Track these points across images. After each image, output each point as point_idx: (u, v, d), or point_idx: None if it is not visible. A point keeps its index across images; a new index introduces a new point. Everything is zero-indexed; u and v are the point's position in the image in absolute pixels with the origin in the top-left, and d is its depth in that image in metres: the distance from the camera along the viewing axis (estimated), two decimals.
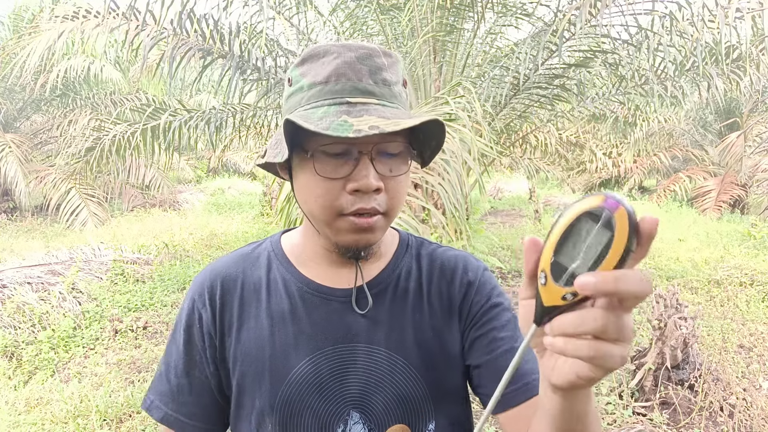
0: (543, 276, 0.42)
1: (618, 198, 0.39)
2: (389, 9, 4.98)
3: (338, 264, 0.77)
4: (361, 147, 0.67)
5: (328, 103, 0.68)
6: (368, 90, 0.69)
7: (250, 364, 0.75)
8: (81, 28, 5.16)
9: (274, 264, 0.80)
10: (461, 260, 0.82)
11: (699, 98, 7.29)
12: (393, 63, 0.72)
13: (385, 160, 0.69)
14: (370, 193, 0.67)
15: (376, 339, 0.75)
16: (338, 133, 0.62)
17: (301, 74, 0.71)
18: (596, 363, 0.41)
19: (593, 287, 0.38)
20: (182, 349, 0.78)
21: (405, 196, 0.73)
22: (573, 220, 0.40)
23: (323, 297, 0.76)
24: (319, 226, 0.72)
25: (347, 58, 0.69)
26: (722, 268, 5.97)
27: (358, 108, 0.67)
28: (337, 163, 0.67)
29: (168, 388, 0.79)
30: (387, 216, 0.70)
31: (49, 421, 2.96)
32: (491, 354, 0.75)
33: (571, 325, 0.41)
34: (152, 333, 4.39)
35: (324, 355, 0.74)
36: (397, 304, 0.77)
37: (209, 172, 17.85)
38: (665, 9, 4.55)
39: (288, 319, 0.75)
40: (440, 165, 3.04)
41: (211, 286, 0.78)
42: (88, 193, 9.51)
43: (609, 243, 0.38)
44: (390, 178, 0.69)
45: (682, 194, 11.90)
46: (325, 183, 0.67)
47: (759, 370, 3.60)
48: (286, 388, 0.73)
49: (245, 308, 0.77)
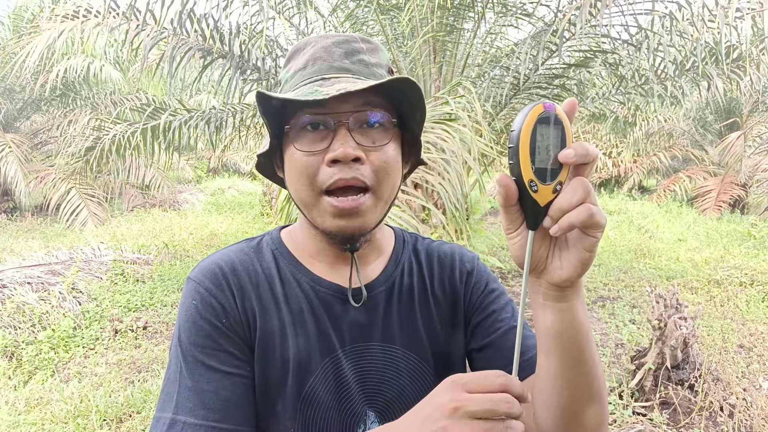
0: (533, 184, 0.51)
1: (546, 101, 0.50)
2: (389, 9, 4.98)
3: (339, 260, 0.76)
4: (338, 117, 0.66)
5: (304, 83, 0.69)
6: (343, 67, 0.70)
7: (274, 364, 0.71)
8: (81, 27, 5.15)
9: (280, 261, 0.76)
10: (456, 252, 0.84)
11: (699, 98, 7.29)
12: (372, 49, 0.73)
13: (365, 131, 0.67)
14: (350, 163, 0.65)
15: (390, 337, 0.75)
16: (306, 97, 0.63)
17: (287, 71, 0.74)
18: (593, 222, 0.51)
19: (575, 155, 0.50)
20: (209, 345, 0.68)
21: (395, 172, 0.70)
22: (531, 132, 0.50)
23: (337, 296, 0.75)
24: (307, 210, 0.71)
25: (324, 44, 0.71)
26: (722, 268, 5.97)
27: (331, 81, 0.68)
28: (317, 137, 0.67)
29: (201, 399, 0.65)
30: (375, 193, 0.68)
31: (49, 421, 2.96)
32: (495, 334, 0.77)
33: (570, 197, 0.51)
34: (152, 333, 4.39)
35: (344, 355, 0.73)
36: (405, 301, 0.78)
37: (209, 172, 17.85)
38: (665, 9, 4.55)
39: (309, 318, 0.73)
40: (440, 165, 3.04)
41: (224, 273, 0.72)
42: (88, 193, 9.51)
43: (563, 133, 0.51)
44: (373, 150, 0.67)
45: (682, 194, 11.90)
46: (306, 158, 0.67)
47: (759, 370, 3.60)
48: (309, 388, 0.71)
49: (263, 302, 0.73)
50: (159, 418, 0.66)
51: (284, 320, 0.72)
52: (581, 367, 0.61)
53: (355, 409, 0.73)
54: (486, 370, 0.74)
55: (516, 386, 0.51)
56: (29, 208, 10.47)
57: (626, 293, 5.43)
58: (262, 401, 0.71)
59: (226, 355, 0.68)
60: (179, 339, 0.69)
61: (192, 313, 0.69)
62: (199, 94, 12.74)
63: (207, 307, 0.69)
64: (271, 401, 0.71)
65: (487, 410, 0.49)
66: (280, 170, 0.76)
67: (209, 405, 0.65)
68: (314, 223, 0.71)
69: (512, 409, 0.49)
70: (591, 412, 0.64)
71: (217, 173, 18.06)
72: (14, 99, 10.72)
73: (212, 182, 15.57)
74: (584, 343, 0.60)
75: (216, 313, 0.69)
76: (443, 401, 0.50)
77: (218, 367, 0.67)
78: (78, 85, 10.51)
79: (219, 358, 0.68)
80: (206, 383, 0.66)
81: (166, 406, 0.66)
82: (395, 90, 0.68)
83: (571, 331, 0.59)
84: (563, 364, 0.61)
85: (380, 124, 0.68)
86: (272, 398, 0.71)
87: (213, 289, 0.70)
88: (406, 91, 0.68)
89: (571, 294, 0.58)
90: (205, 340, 0.68)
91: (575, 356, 0.60)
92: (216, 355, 0.68)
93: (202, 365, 0.67)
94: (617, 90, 5.72)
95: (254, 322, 0.71)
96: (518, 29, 5.49)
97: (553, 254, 0.57)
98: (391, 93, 0.69)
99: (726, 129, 11.91)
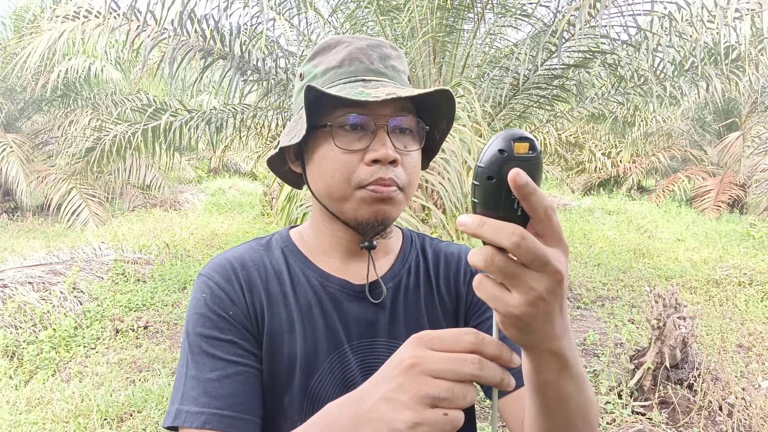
0: None
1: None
2: (389, 10, 4.99)
3: (351, 256, 0.78)
4: (378, 120, 0.69)
5: (343, 81, 0.71)
6: (380, 71, 0.73)
7: (281, 358, 0.72)
8: (82, 28, 5.17)
9: (290, 258, 0.78)
10: (463, 253, 0.85)
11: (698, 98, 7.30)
12: (399, 56, 0.77)
13: (399, 136, 0.71)
14: (387, 165, 0.68)
15: (396, 333, 0.76)
16: (358, 97, 0.65)
17: (313, 66, 0.75)
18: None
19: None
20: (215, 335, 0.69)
21: (419, 176, 0.74)
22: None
23: (345, 291, 0.76)
24: (336, 203, 0.72)
25: (359, 45, 0.73)
26: (721, 268, 5.98)
27: (373, 83, 0.70)
28: (356, 136, 0.69)
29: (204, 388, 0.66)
30: (404, 192, 0.71)
31: (50, 421, 2.97)
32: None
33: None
34: (153, 332, 4.41)
35: (350, 350, 0.74)
36: (412, 298, 0.79)
37: (210, 172, 17.85)
38: (664, 9, 4.56)
39: (316, 313, 0.74)
40: (440, 164, 3.06)
41: (234, 268, 0.74)
42: (89, 193, 9.53)
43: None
44: (405, 154, 0.71)
45: (681, 194, 11.92)
46: (344, 155, 0.69)
47: (758, 370, 3.61)
48: (317, 383, 0.72)
49: (272, 297, 0.74)
50: (168, 413, 0.67)
51: (292, 315, 0.74)
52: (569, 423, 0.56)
53: None
54: None
55: (490, 347, 0.45)
56: (30, 208, 10.48)
57: (625, 293, 5.45)
58: (269, 396, 0.72)
59: (231, 345, 0.69)
60: (187, 332, 0.70)
61: (200, 306, 0.70)
62: (199, 94, 12.75)
63: (215, 299, 0.70)
64: (278, 396, 0.72)
65: (450, 370, 0.43)
66: (294, 165, 0.78)
67: (211, 393, 0.66)
68: (342, 216, 0.73)
69: (481, 372, 0.43)
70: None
71: (217, 173, 18.06)
72: (15, 99, 10.74)
73: (213, 182, 15.59)
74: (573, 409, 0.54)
75: (224, 304, 0.70)
76: (402, 358, 0.46)
77: (222, 356, 0.68)
78: (79, 86, 10.53)
79: (224, 348, 0.68)
80: (209, 372, 0.67)
81: (174, 399, 0.68)
82: (427, 98, 0.70)
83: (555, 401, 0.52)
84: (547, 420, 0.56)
85: (412, 130, 0.72)
86: (279, 393, 0.72)
87: (222, 282, 0.72)
88: (442, 103, 0.72)
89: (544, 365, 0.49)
90: (211, 330, 0.69)
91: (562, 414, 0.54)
92: (221, 345, 0.68)
93: (206, 355, 0.68)
94: (616, 90, 5.73)
95: (262, 317, 0.72)
96: (518, 30, 5.50)
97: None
98: (422, 101, 0.72)
99: (725, 129, 11.93)
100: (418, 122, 0.72)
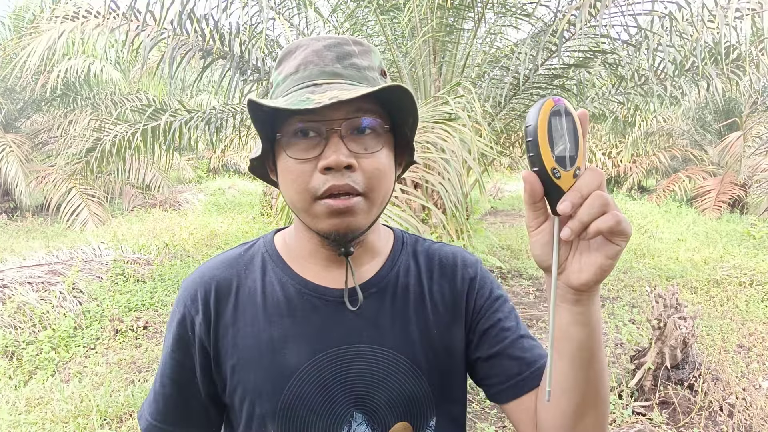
0: (556, 171, 0.54)
1: (554, 96, 0.55)
2: (389, 9, 4.99)
3: (332, 263, 0.76)
4: (330, 125, 0.66)
5: (296, 88, 0.69)
6: (335, 72, 0.69)
7: (249, 370, 0.72)
8: (81, 28, 5.16)
9: (269, 266, 0.77)
10: (459, 256, 0.83)
11: (698, 98, 7.29)
12: (365, 51, 0.73)
13: (357, 137, 0.67)
14: (342, 170, 0.65)
15: (379, 339, 0.74)
16: (297, 106, 0.63)
17: (278, 73, 0.73)
18: (619, 229, 0.53)
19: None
20: (171, 355, 0.76)
21: (388, 177, 0.71)
22: (547, 124, 0.54)
23: (322, 298, 0.74)
24: (300, 215, 0.71)
25: (315, 47, 0.71)
26: (722, 268, 5.98)
27: (323, 87, 0.67)
28: (309, 144, 0.67)
29: (153, 397, 0.78)
30: (367, 198, 0.68)
31: (50, 421, 2.96)
32: (502, 344, 0.76)
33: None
34: (153, 333, 4.40)
35: (326, 357, 0.72)
36: (399, 303, 0.76)
37: (209, 172, 17.85)
38: (665, 9, 4.56)
39: (287, 322, 0.73)
40: (440, 164, 3.05)
41: (205, 291, 0.75)
42: (89, 193, 9.52)
43: (575, 123, 0.55)
44: (365, 157, 0.67)
45: (682, 194, 11.91)
46: (298, 165, 0.67)
47: (758, 370, 3.60)
48: (289, 392, 0.71)
49: (241, 313, 0.74)
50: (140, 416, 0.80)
51: (261, 327, 0.74)
52: (590, 370, 0.63)
53: (339, 411, 0.72)
54: (493, 378, 0.76)
55: None
56: (30, 208, 10.48)
57: (626, 293, 5.44)
58: (242, 405, 0.73)
59: (179, 365, 0.76)
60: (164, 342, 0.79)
61: (171, 319, 0.78)
62: (199, 94, 12.74)
63: (180, 317, 0.76)
64: (251, 404, 0.72)
65: None
66: (273, 174, 0.76)
67: (158, 404, 0.77)
68: (309, 226, 0.71)
69: None
70: (594, 416, 0.65)
71: (217, 173, 18.06)
72: (15, 99, 10.73)
73: (212, 182, 15.58)
74: (596, 348, 0.62)
75: (185, 323, 0.76)
76: None
77: (170, 373, 0.76)
78: (78, 86, 10.53)
79: (173, 366, 0.76)
80: (160, 385, 0.77)
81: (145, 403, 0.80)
82: (388, 96, 0.67)
83: (583, 335, 0.60)
84: (574, 365, 0.62)
85: (372, 130, 0.68)
86: (252, 401, 0.72)
87: (188, 301, 0.76)
88: (400, 97, 0.68)
89: (587, 299, 0.59)
90: (171, 345, 0.76)
91: (586, 358, 0.62)
92: (171, 363, 0.76)
93: (163, 366, 0.77)
94: (617, 90, 5.73)
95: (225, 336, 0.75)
96: (518, 29, 5.50)
97: (574, 257, 0.58)
98: (383, 98, 0.69)
99: (725, 129, 11.92)
100: (376, 121, 0.68)
